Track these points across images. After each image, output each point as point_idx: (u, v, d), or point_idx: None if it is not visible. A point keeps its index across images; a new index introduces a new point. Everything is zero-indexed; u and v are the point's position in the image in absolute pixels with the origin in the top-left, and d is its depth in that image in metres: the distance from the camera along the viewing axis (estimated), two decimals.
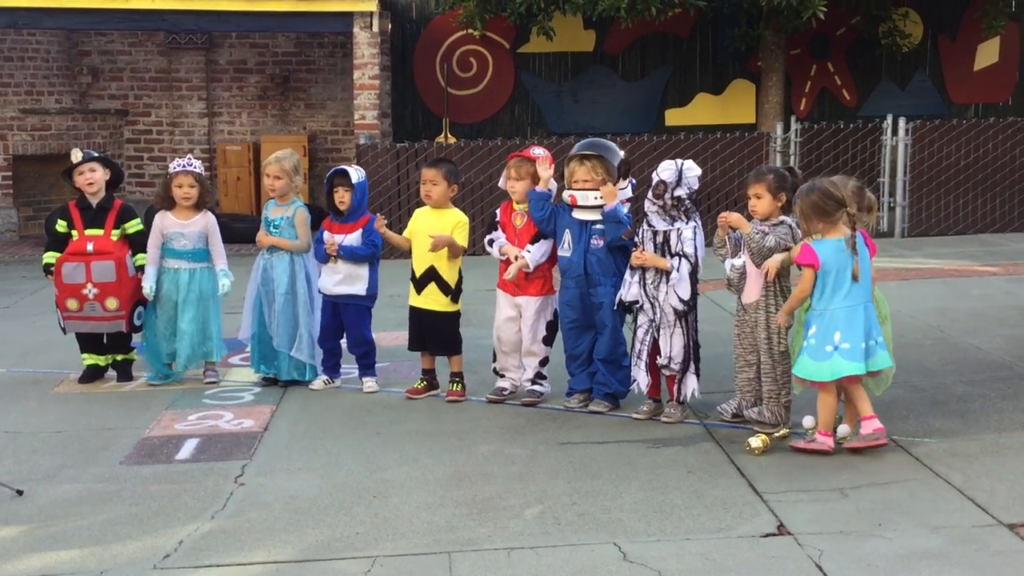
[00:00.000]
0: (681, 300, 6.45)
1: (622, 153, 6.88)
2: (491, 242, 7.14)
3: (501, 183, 7.18)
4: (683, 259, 6.44)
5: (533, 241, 6.99)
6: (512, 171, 7.05)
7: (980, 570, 4.53)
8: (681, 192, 6.45)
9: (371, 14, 14.45)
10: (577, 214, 6.79)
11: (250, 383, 7.75)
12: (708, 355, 6.84)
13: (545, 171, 6.89)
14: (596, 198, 6.68)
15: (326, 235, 7.42)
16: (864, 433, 5.93)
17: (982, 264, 12.09)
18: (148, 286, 7.58)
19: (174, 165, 7.71)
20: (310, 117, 17.33)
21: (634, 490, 5.48)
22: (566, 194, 6.81)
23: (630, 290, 6.61)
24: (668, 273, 6.46)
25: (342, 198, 7.38)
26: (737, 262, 6.35)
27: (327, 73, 17.20)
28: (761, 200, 6.27)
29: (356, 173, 7.44)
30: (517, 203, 7.09)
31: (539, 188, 6.89)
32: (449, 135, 15.96)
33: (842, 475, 5.61)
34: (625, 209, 6.74)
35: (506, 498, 5.42)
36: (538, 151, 7.10)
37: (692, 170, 6.50)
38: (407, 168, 14.10)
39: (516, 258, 6.95)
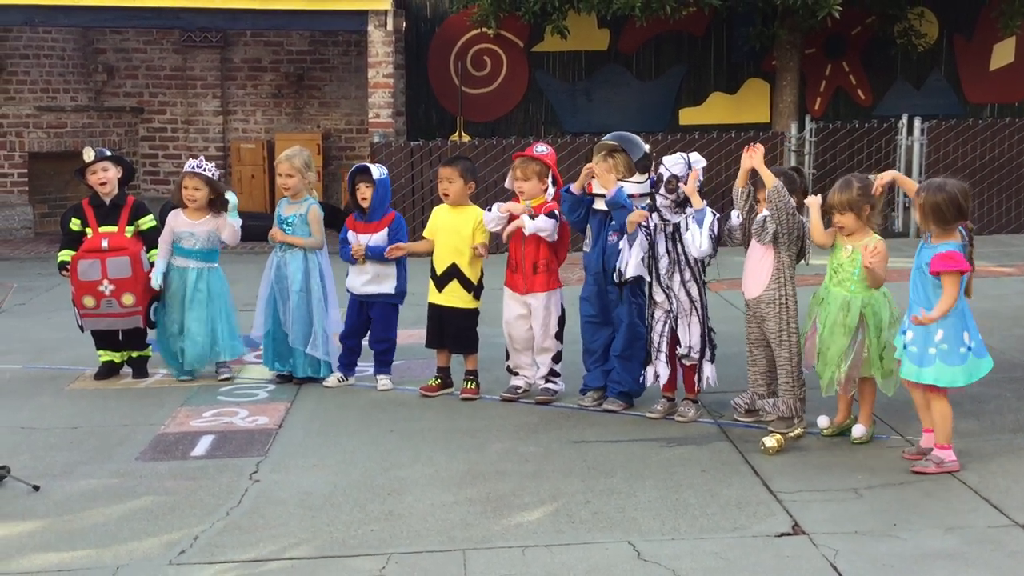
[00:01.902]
0: (711, 238, 6.34)
1: (646, 147, 6.87)
2: (489, 209, 7.15)
3: (508, 183, 7.19)
4: (704, 215, 6.40)
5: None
6: (518, 171, 7.05)
7: (996, 570, 4.52)
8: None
9: (386, 12, 14.46)
10: (597, 204, 6.80)
11: (265, 380, 7.77)
12: (721, 354, 6.83)
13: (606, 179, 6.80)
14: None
15: (350, 236, 7.43)
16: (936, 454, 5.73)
17: (997, 264, 12.05)
18: (155, 279, 7.61)
19: (186, 166, 7.77)
20: (324, 115, 17.35)
21: (648, 489, 5.48)
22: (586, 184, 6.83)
23: (628, 267, 6.57)
24: (680, 263, 6.45)
25: (363, 195, 7.39)
26: (734, 221, 6.36)
27: (341, 71, 17.22)
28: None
29: (377, 170, 7.45)
30: (525, 202, 7.08)
31: (574, 188, 6.87)
32: (463, 133, 15.97)
33: (857, 475, 5.61)
34: (644, 203, 6.70)
35: (520, 496, 5.43)
36: (541, 148, 7.11)
37: (700, 162, 6.51)
38: (421, 166, 14.12)
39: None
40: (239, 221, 7.69)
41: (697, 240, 6.35)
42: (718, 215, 6.42)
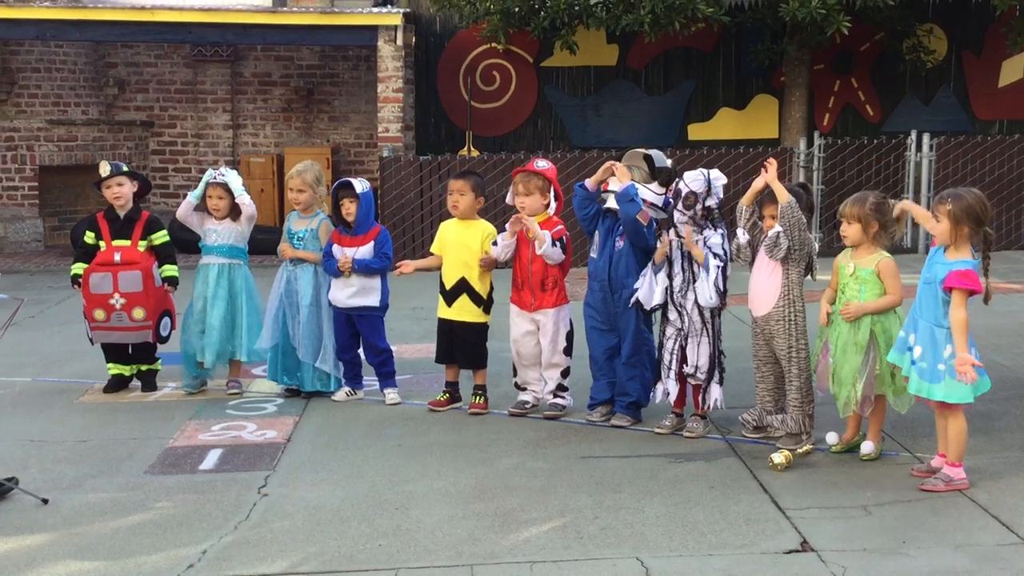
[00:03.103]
0: (718, 293, 6.42)
1: (668, 162, 6.88)
2: (495, 243, 7.14)
3: (508, 199, 7.18)
4: (714, 256, 6.43)
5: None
6: (520, 186, 7.05)
7: None
8: (711, 202, 6.47)
9: (396, 28, 14.53)
10: (609, 202, 6.79)
11: (273, 394, 7.77)
12: (730, 370, 6.82)
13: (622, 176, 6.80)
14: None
15: (335, 249, 7.44)
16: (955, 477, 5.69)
17: (1006, 281, 12.02)
18: (192, 194, 7.73)
19: (207, 175, 7.83)
20: (334, 130, 17.41)
21: (656, 505, 5.47)
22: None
23: (654, 297, 6.60)
24: (695, 281, 6.47)
25: (348, 210, 7.41)
26: (742, 239, 6.33)
27: (351, 86, 17.28)
28: (776, 220, 6.26)
29: (360, 184, 7.46)
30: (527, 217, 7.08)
31: (589, 184, 6.89)
32: (472, 148, 16.00)
33: (866, 492, 5.60)
34: (652, 214, 6.70)
35: (528, 511, 5.43)
36: (542, 163, 7.12)
37: (720, 179, 6.51)
38: (430, 181, 14.15)
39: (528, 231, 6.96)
40: (247, 196, 7.77)
41: (705, 293, 6.44)
42: (722, 264, 6.44)
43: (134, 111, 17.20)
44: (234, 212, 7.78)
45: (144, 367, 7.95)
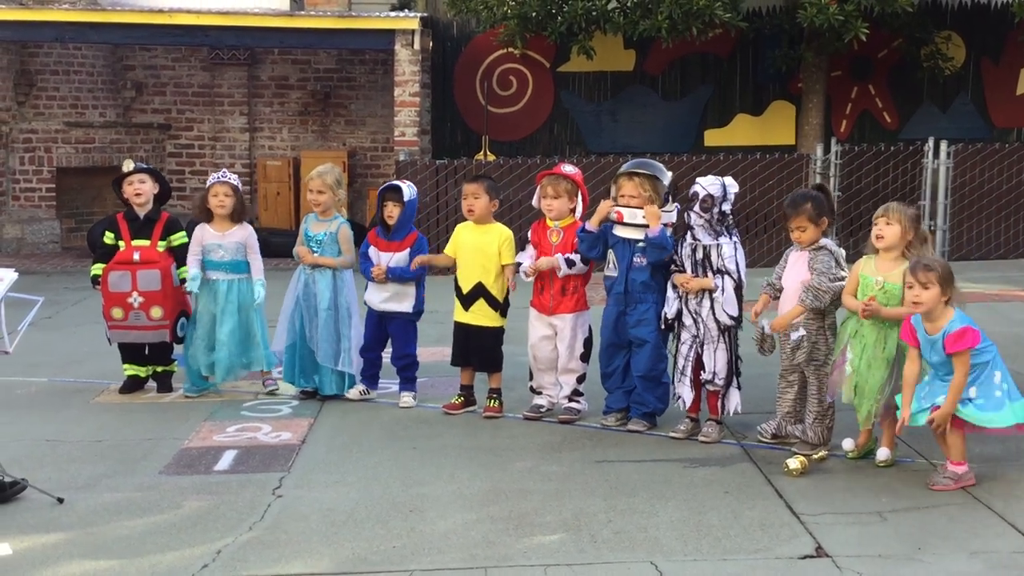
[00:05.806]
0: (730, 316, 6.46)
1: (670, 175, 6.86)
2: (518, 266, 7.16)
3: (535, 203, 7.18)
4: (726, 276, 6.44)
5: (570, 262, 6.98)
6: (549, 189, 7.04)
7: None
8: (727, 207, 6.47)
9: (413, 32, 14.54)
10: (619, 231, 6.76)
11: (288, 396, 7.79)
12: (747, 375, 6.81)
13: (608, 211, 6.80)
14: (642, 217, 6.65)
15: (372, 252, 7.45)
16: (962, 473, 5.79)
17: (1022, 289, 11.97)
18: (191, 284, 7.60)
19: (211, 178, 7.86)
20: (350, 133, 17.43)
21: (671, 509, 5.47)
22: (613, 212, 6.75)
23: (672, 307, 6.62)
24: (712, 291, 6.46)
25: (391, 212, 7.43)
26: (767, 328, 6.32)
27: (368, 90, 17.30)
28: (806, 232, 6.23)
29: (408, 190, 7.48)
30: (553, 220, 7.08)
31: (590, 226, 6.86)
32: (488, 153, 16.00)
33: (881, 498, 5.58)
34: (669, 232, 6.71)
35: (542, 515, 5.42)
36: (568, 168, 7.12)
37: (733, 186, 6.55)
38: (446, 185, 14.16)
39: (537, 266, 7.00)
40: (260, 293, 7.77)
41: (723, 315, 6.47)
42: (736, 283, 6.46)
43: (151, 114, 17.24)
44: (236, 214, 7.77)
45: (160, 368, 7.97)
